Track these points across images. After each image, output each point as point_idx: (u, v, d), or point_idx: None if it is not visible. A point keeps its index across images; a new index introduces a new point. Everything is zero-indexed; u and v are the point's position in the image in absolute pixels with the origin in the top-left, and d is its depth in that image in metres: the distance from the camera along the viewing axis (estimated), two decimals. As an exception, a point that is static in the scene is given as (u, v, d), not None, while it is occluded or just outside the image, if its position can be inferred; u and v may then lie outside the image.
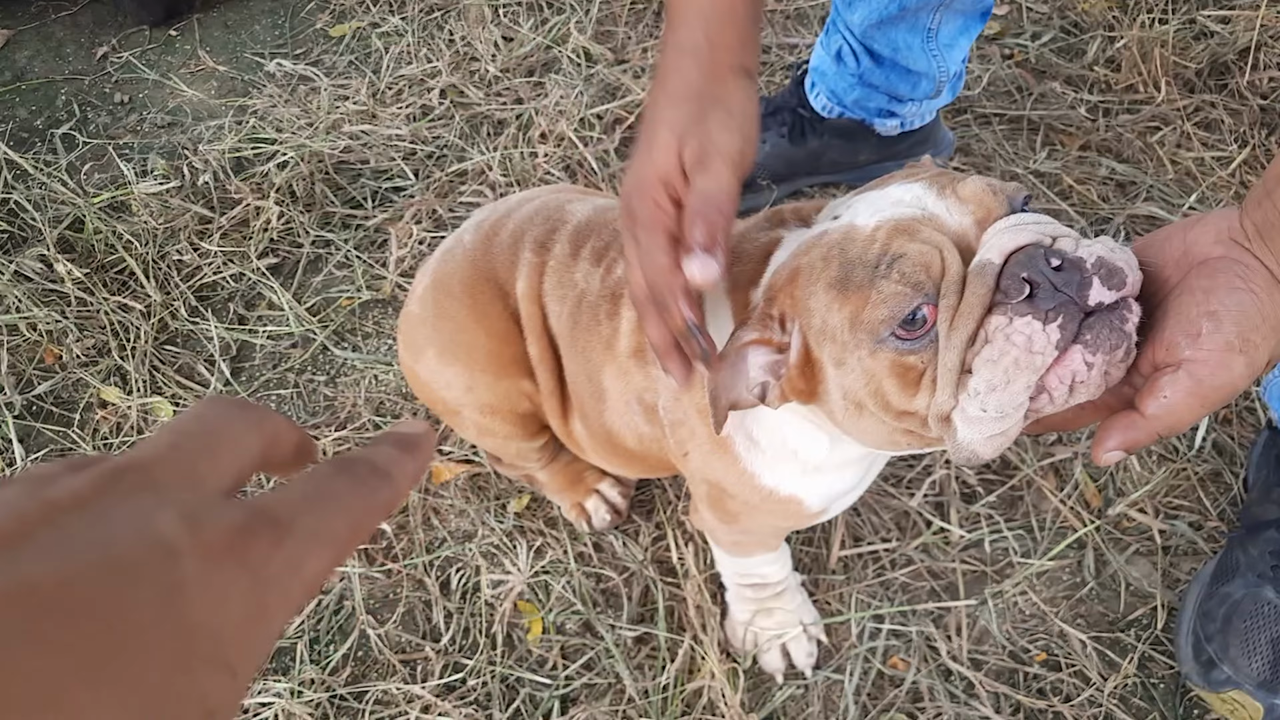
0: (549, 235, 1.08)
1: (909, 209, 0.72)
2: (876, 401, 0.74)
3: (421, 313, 1.13)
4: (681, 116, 0.76)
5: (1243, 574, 1.23)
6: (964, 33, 1.51)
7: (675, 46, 0.79)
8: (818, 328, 0.74)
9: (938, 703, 1.19)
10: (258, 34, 1.87)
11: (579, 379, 1.07)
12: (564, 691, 1.20)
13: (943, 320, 0.69)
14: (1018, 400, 0.69)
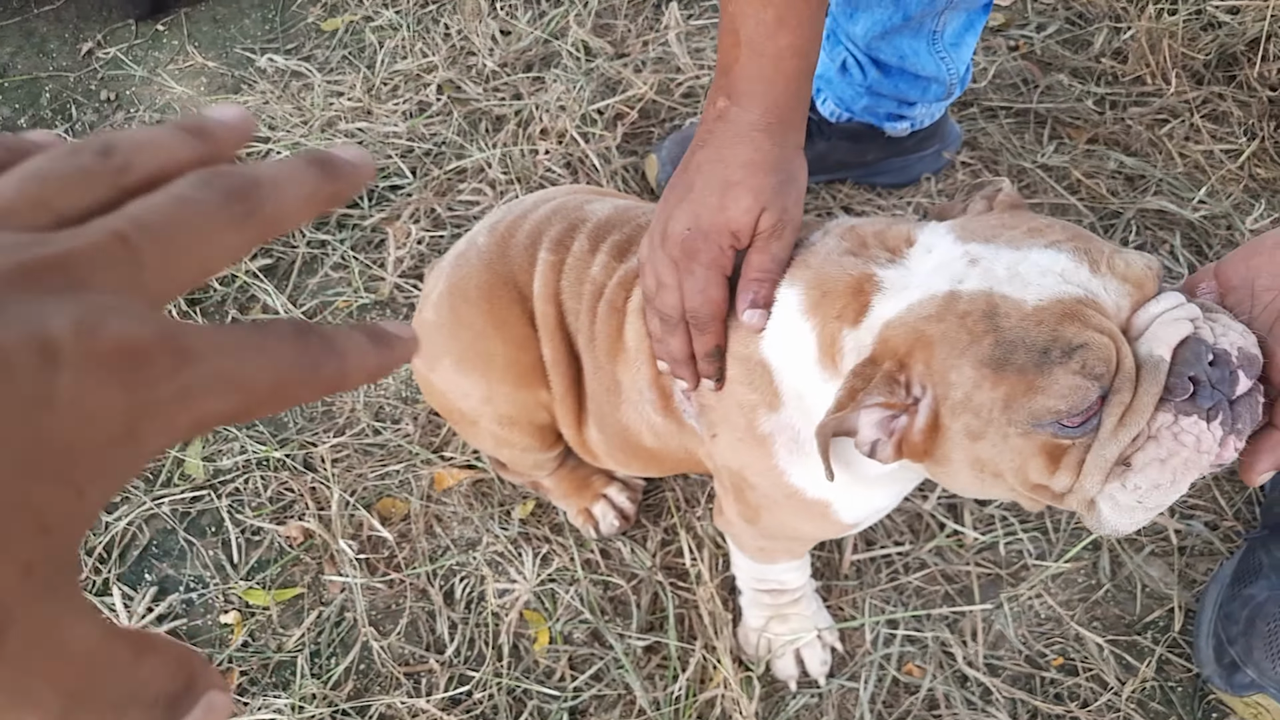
0: (568, 234, 1.05)
1: (1069, 287, 0.70)
2: (1017, 476, 0.73)
3: (437, 319, 1.10)
4: (765, 187, 0.85)
5: (1266, 575, 1.21)
6: (969, 29, 1.48)
7: (744, 121, 0.86)
8: (957, 400, 0.72)
9: (954, 710, 1.17)
10: (248, 28, 1.83)
11: (596, 376, 1.04)
12: (572, 703, 1.17)
13: (1110, 414, 0.69)
14: (1179, 494, 0.71)
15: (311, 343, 0.30)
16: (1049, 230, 0.74)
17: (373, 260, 1.52)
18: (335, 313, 1.48)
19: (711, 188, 0.86)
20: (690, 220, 0.87)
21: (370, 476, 1.33)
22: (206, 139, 0.32)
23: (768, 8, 0.82)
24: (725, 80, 0.87)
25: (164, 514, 1.29)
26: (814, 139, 1.59)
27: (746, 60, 0.84)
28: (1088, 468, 0.70)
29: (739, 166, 0.85)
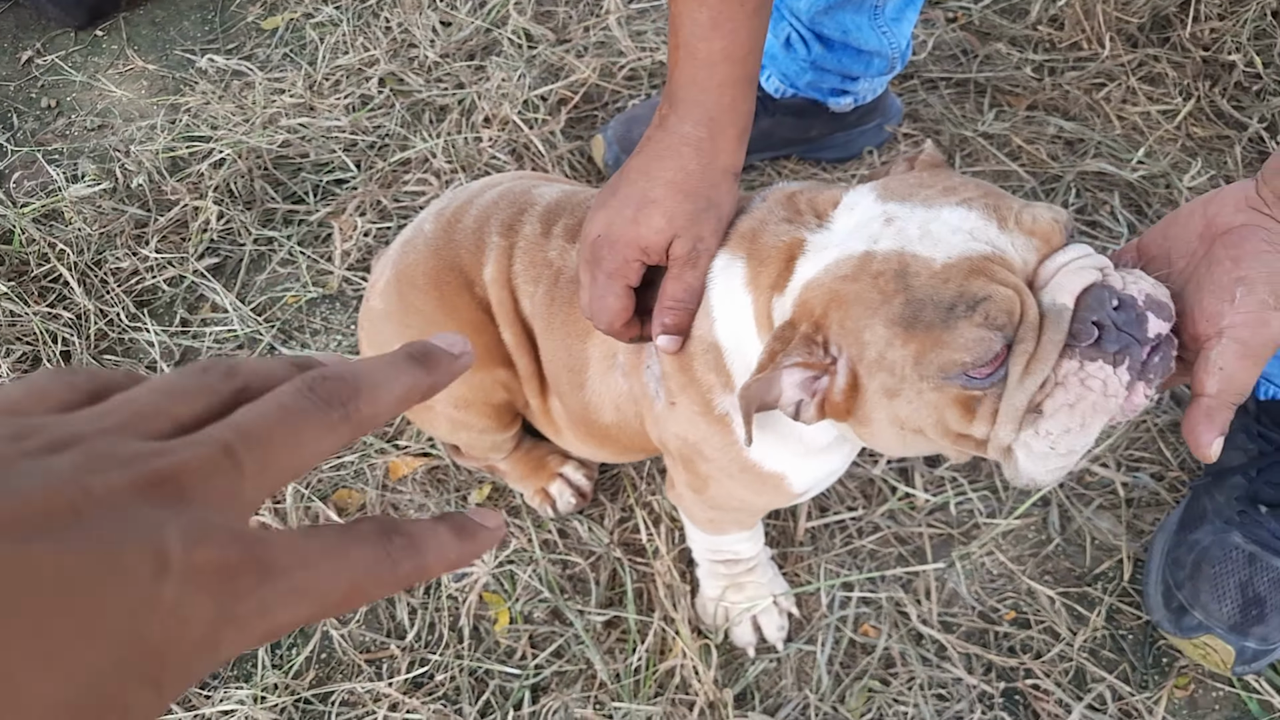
0: (516, 218, 1.06)
1: (977, 244, 0.71)
2: (937, 429, 0.75)
3: (385, 307, 1.10)
4: (680, 212, 0.84)
5: (1210, 520, 1.24)
6: (910, 4, 1.50)
7: (677, 132, 0.85)
8: (872, 359, 0.73)
9: (910, 667, 1.19)
10: (187, 30, 1.82)
11: (556, 357, 1.05)
12: (534, 680, 1.18)
13: (1016, 363, 0.70)
14: (1091, 439, 0.72)
15: (395, 544, 0.33)
16: (962, 189, 0.76)
17: (320, 255, 1.52)
18: (284, 308, 1.48)
19: (631, 200, 0.86)
20: (603, 227, 0.87)
21: (324, 468, 1.33)
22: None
23: (702, 8, 0.82)
24: (669, 85, 0.87)
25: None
26: (759, 116, 1.60)
27: (683, 62, 0.85)
28: (1000, 416, 0.72)
29: (661, 184, 0.85)
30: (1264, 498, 1.22)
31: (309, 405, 0.33)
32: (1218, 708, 1.19)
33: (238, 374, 0.34)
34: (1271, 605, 1.17)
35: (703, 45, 0.83)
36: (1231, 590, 1.18)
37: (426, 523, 0.35)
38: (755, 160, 1.67)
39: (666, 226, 0.85)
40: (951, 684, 1.18)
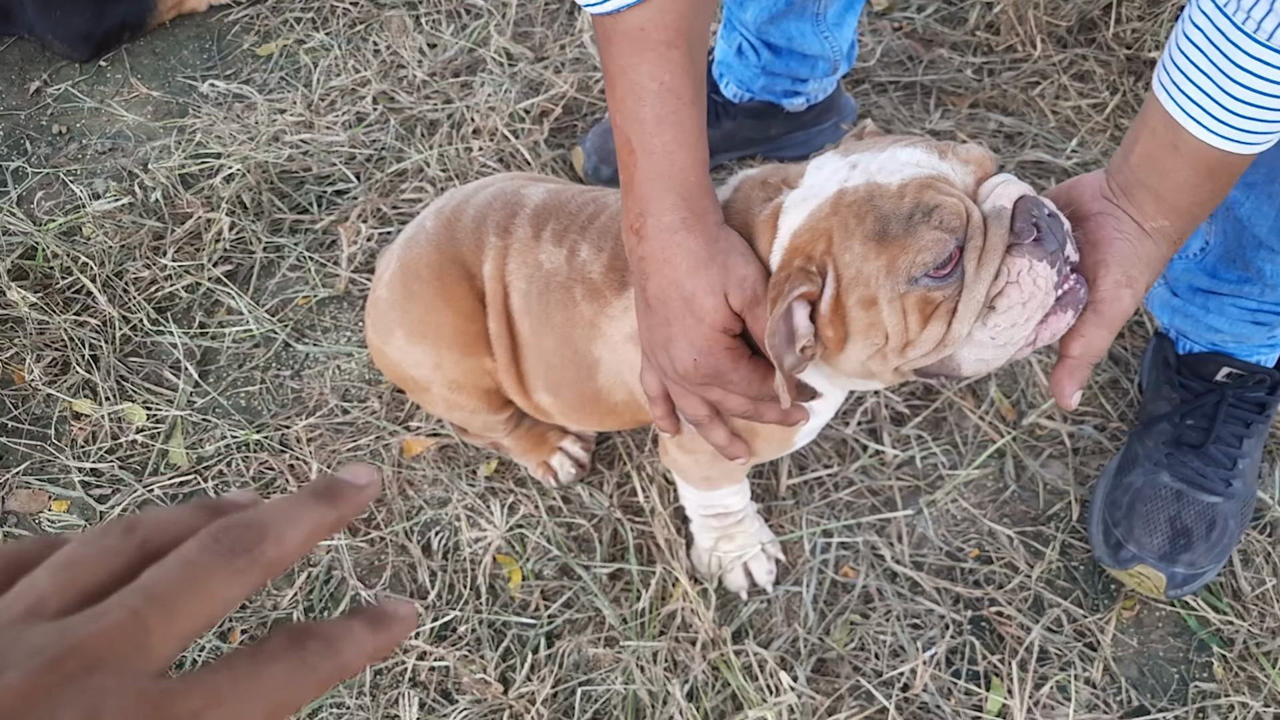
0: (509, 219, 1.18)
1: (923, 169, 0.84)
2: (897, 339, 0.87)
3: (390, 296, 1.22)
4: (712, 277, 0.91)
5: (1141, 464, 1.38)
6: (849, 9, 1.66)
7: (665, 229, 0.91)
8: (851, 277, 0.85)
9: (887, 602, 1.32)
10: (187, 59, 1.94)
11: (553, 353, 1.16)
12: (548, 629, 1.30)
13: (969, 259, 0.83)
14: (1025, 332, 0.85)
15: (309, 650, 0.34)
16: (908, 137, 0.90)
17: (326, 259, 1.64)
18: (295, 308, 1.59)
19: (681, 312, 0.93)
20: (688, 352, 0.94)
21: (344, 451, 1.45)
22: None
23: (644, 108, 0.90)
24: (631, 197, 0.94)
25: (155, 499, 1.40)
26: (721, 120, 1.75)
27: (643, 163, 0.91)
28: (960, 312, 0.84)
29: (685, 278, 0.92)
30: (1188, 440, 1.37)
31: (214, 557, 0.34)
32: (1160, 625, 1.33)
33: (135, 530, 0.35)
34: (1198, 535, 1.31)
35: (656, 140, 0.90)
36: (1161, 524, 1.33)
37: (339, 622, 0.36)
38: (722, 160, 1.81)
39: (716, 299, 0.91)
40: (924, 614, 1.31)
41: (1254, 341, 1.32)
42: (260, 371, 1.53)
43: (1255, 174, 1.10)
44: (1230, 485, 1.33)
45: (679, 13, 0.87)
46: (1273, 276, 1.22)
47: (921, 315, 0.85)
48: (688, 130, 0.90)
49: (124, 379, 1.51)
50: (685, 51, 0.88)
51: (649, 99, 0.89)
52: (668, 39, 0.87)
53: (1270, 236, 1.14)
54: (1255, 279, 1.24)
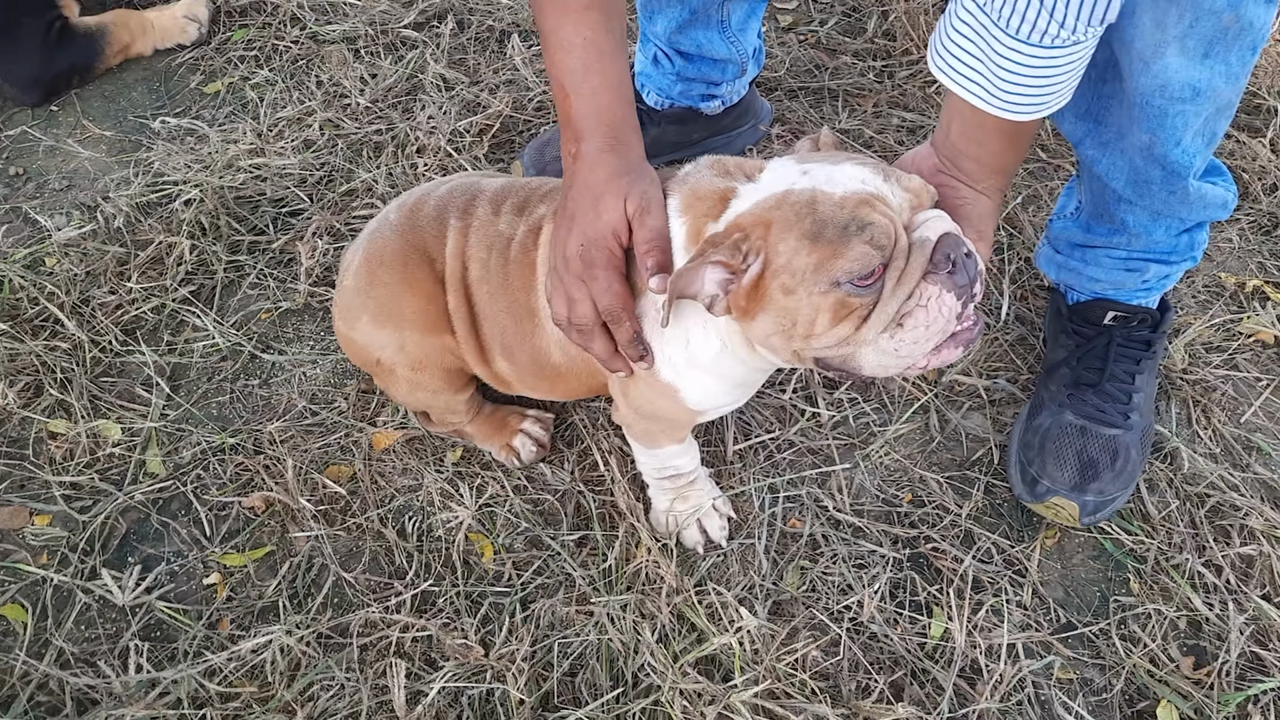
0: (469, 203, 1.30)
1: (867, 186, 0.99)
2: (804, 328, 1.00)
3: (355, 284, 1.32)
4: (621, 186, 1.08)
5: (1047, 406, 1.52)
6: (752, 15, 1.81)
7: (593, 150, 1.09)
8: (780, 265, 0.98)
9: (833, 547, 1.44)
10: (136, 100, 2.02)
11: (506, 312, 1.27)
12: (522, 595, 1.39)
13: (890, 277, 0.98)
14: (924, 350, 1.00)
15: None
16: (859, 156, 1.05)
17: (285, 275, 1.72)
18: (259, 322, 1.68)
19: (586, 207, 1.09)
20: (579, 238, 1.09)
21: (315, 449, 1.53)
22: None
23: (572, 58, 1.10)
24: (567, 129, 1.12)
25: (137, 505, 1.46)
26: (647, 127, 1.88)
27: (576, 103, 1.11)
28: (871, 321, 0.99)
29: (601, 183, 1.08)
30: (1086, 380, 1.51)
31: None
32: (1080, 551, 1.46)
33: None
34: (1103, 465, 1.45)
35: (585, 84, 1.10)
36: (1070, 458, 1.46)
37: None
38: (654, 165, 1.94)
39: (618, 201, 1.08)
40: (867, 555, 1.43)
41: (1130, 287, 1.48)
42: (229, 382, 1.61)
43: (1106, 133, 1.25)
44: (1128, 418, 1.48)
45: None
46: (1135, 226, 1.38)
47: (834, 315, 0.99)
48: (610, 76, 1.09)
49: (97, 398, 1.57)
50: (602, 12, 1.07)
51: (576, 51, 1.08)
52: (585, 2, 1.07)
53: (1126, 189, 1.29)
54: (1121, 230, 1.40)
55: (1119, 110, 1.19)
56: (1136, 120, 1.15)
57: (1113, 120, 1.22)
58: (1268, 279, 1.81)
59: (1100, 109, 1.22)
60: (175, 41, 2.09)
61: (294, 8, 2.15)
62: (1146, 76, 1.08)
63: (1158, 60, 1.05)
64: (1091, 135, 1.26)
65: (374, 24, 2.12)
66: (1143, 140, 1.17)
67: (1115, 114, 1.20)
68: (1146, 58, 1.06)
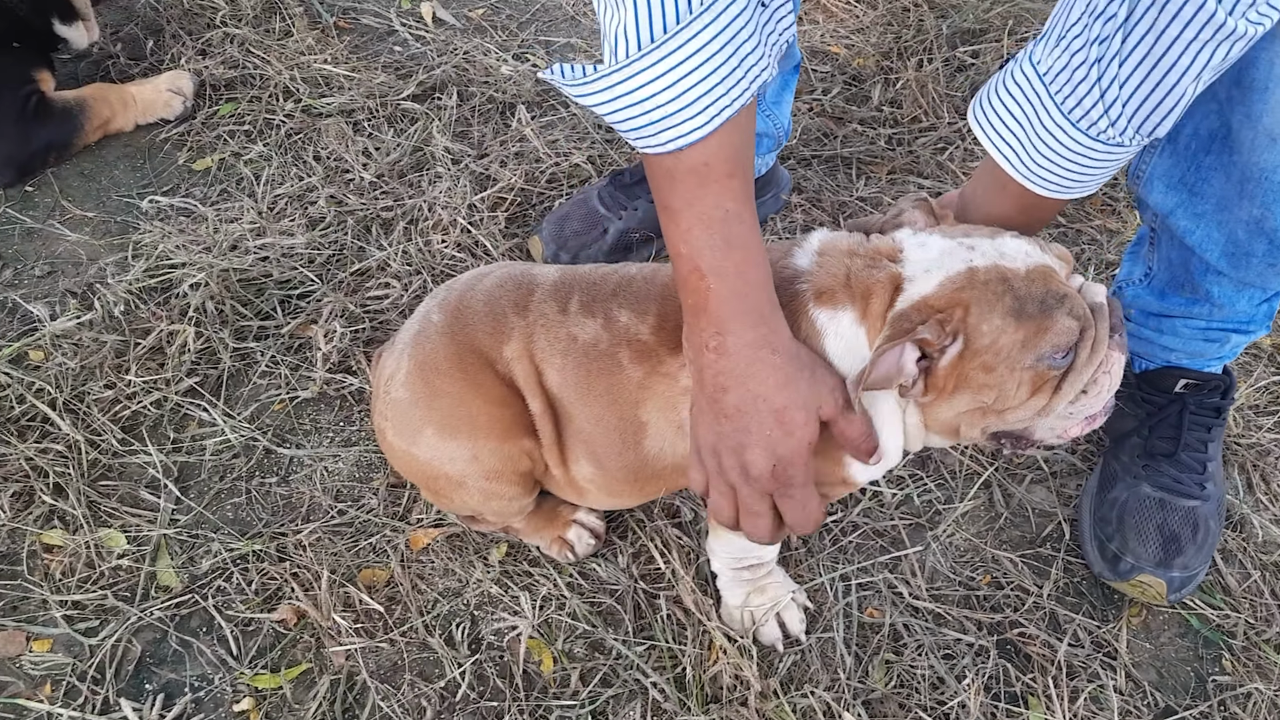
0: (525, 298, 1.20)
1: (1036, 258, 0.98)
2: (1002, 403, 0.99)
3: (411, 395, 1.20)
4: (803, 393, 0.99)
5: (1121, 479, 1.47)
6: (785, 89, 1.77)
7: (745, 345, 0.97)
8: (984, 344, 0.96)
9: (916, 636, 1.35)
10: (119, 178, 1.89)
11: (596, 423, 1.17)
12: (592, 707, 1.27)
13: (1084, 346, 0.97)
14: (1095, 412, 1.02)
15: None
16: (1001, 230, 1.03)
17: (298, 361, 1.60)
18: (274, 415, 1.54)
19: (767, 422, 0.99)
20: (769, 457, 1.00)
21: (346, 553, 1.39)
22: None
23: (713, 235, 0.95)
24: (705, 318, 0.98)
25: (152, 623, 1.31)
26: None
27: (716, 286, 0.96)
28: (1064, 389, 0.98)
29: (774, 392, 0.98)
30: (1160, 450, 1.47)
31: None
32: (1167, 627, 1.40)
33: None
34: (1186, 539, 1.40)
35: (727, 264, 0.95)
36: (1152, 533, 1.41)
37: None
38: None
39: (808, 414, 0.99)
40: (953, 644, 1.35)
41: (1206, 356, 1.44)
42: (244, 481, 1.47)
43: (1203, 205, 1.22)
44: (1204, 489, 1.43)
45: (735, 145, 0.94)
46: (1220, 298, 1.34)
47: (1032, 386, 0.97)
48: (753, 251, 0.97)
49: (96, 504, 1.42)
50: (743, 180, 0.95)
51: (717, 226, 0.95)
52: (729, 170, 0.94)
53: (1220, 261, 1.26)
54: (1203, 300, 1.36)
55: (1222, 182, 1.16)
56: (1250, 195, 1.12)
57: (1212, 192, 1.18)
58: (1301, 339, 1.80)
59: (1198, 180, 1.19)
60: (159, 116, 1.97)
61: (286, 80, 2.05)
62: (1272, 153, 1.05)
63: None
64: (1185, 206, 1.23)
65: (372, 96, 2.03)
66: (1253, 214, 1.14)
67: (1217, 186, 1.17)
68: (1275, 134, 1.03)
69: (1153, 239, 1.41)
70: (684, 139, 0.92)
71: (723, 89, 0.90)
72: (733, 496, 1.06)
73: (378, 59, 2.18)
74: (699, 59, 0.88)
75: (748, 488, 1.03)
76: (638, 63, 0.89)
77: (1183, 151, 1.20)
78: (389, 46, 2.23)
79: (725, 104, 0.91)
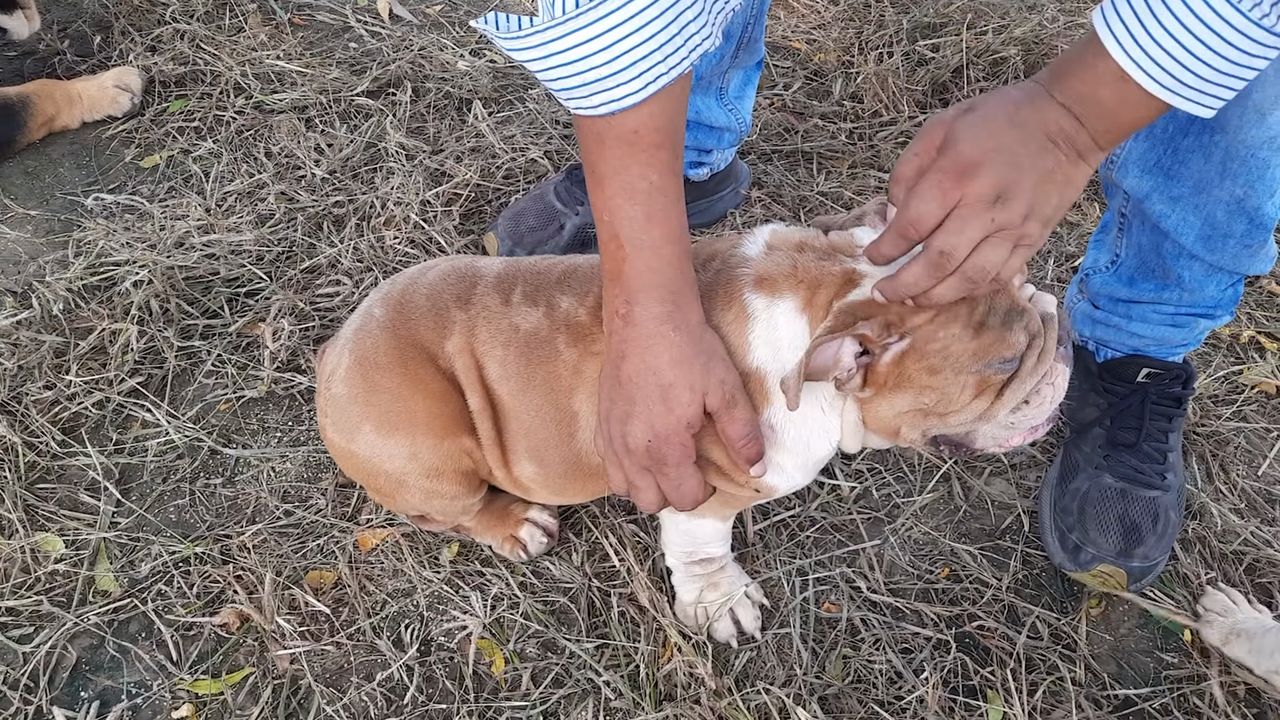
0: (468, 291, 1.17)
1: None
2: (944, 406, 0.98)
3: (350, 391, 1.17)
4: (693, 375, 0.97)
5: (1083, 469, 1.46)
6: (748, 83, 1.76)
7: (650, 318, 0.96)
8: (934, 349, 0.95)
9: (873, 631, 1.33)
10: (64, 175, 1.85)
11: (535, 415, 1.14)
12: (543, 708, 1.24)
13: (1030, 356, 0.97)
14: (1037, 423, 1.02)
15: None
16: None
17: (246, 360, 1.56)
18: (219, 414, 1.51)
19: (652, 397, 0.98)
20: (645, 431, 0.99)
21: (293, 555, 1.36)
22: None
23: (635, 206, 0.94)
24: (618, 286, 0.98)
25: (89, 629, 1.27)
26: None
27: (632, 257, 0.96)
28: (1006, 397, 0.98)
29: (666, 368, 0.97)
30: (1122, 441, 1.46)
31: None
32: (1126, 620, 1.38)
33: None
34: (1147, 529, 1.38)
35: (645, 237, 0.95)
36: (1113, 523, 1.39)
37: None
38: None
39: (694, 395, 0.97)
40: (911, 638, 1.33)
41: (1172, 343, 1.43)
42: (188, 483, 1.43)
43: (1179, 188, 1.21)
44: (1165, 479, 1.42)
45: (668, 115, 0.92)
46: (1191, 282, 1.33)
47: (975, 390, 0.97)
48: (673, 226, 0.96)
49: (34, 508, 1.38)
50: (671, 152, 0.94)
51: (640, 198, 0.93)
52: (658, 141, 0.92)
53: (1196, 244, 1.25)
54: (1174, 285, 1.35)
55: (1201, 164, 1.15)
56: (1233, 174, 1.11)
57: (1189, 175, 1.17)
58: (1259, 329, 1.80)
59: (1175, 163, 1.18)
60: (106, 113, 1.92)
61: (237, 76, 2.01)
62: (1260, 128, 1.04)
63: (1275, 111, 1.01)
64: (1161, 190, 1.22)
65: (325, 92, 2.00)
66: (1235, 194, 1.13)
67: (1195, 168, 1.16)
68: (1264, 109, 1.02)
69: (1121, 225, 1.40)
70: (616, 104, 0.90)
71: (660, 55, 0.88)
72: (620, 469, 1.05)
73: (332, 55, 2.15)
74: (638, 21, 0.86)
75: (629, 460, 1.02)
76: (574, 20, 0.87)
77: (1159, 135, 1.19)
78: (344, 42, 2.20)
79: (661, 70, 0.89)
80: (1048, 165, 0.85)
